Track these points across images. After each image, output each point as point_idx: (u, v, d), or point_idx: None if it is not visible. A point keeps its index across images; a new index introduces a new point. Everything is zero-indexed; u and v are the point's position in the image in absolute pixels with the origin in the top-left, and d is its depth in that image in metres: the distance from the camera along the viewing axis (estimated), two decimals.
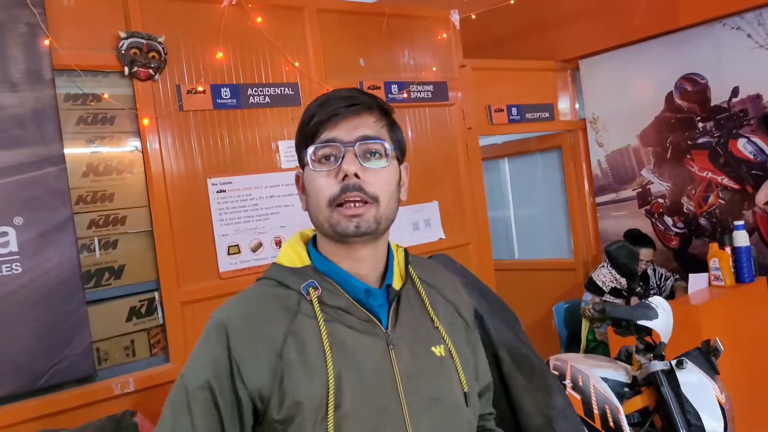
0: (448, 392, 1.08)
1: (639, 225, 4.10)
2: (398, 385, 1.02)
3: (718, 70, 3.75)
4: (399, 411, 1.01)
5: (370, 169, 1.04)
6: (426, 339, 1.09)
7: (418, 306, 1.12)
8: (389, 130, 1.10)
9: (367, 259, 1.08)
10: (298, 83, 3.24)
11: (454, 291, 1.21)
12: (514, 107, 4.17)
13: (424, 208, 3.67)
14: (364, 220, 1.02)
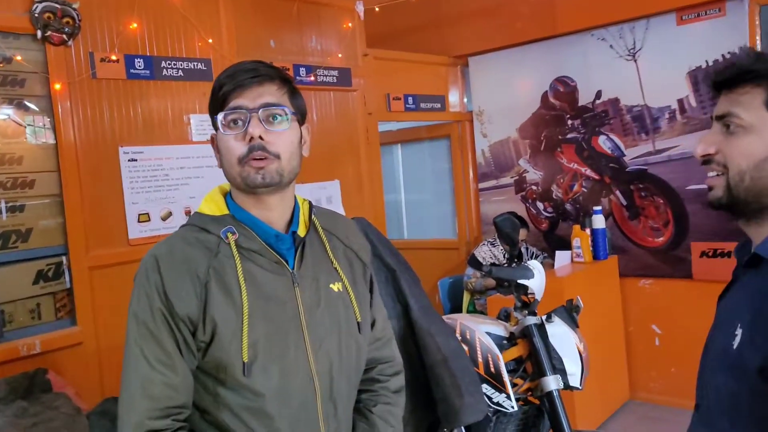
0: (344, 321, 1.28)
1: (515, 209, 4.57)
2: (301, 315, 1.22)
3: (586, 74, 4.28)
4: (301, 336, 1.21)
5: (272, 131, 1.20)
6: (326, 277, 1.28)
7: (319, 250, 1.30)
8: (290, 97, 1.26)
9: (276, 208, 1.25)
10: (210, 59, 3.36)
11: (353, 237, 1.39)
12: (410, 96, 4.49)
13: (326, 185, 3.91)
14: (267, 172, 1.18)
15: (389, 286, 2.02)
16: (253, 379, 1.17)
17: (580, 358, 2.53)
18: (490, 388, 2.51)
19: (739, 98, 1.01)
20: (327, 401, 1.25)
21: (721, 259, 3.84)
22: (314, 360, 1.23)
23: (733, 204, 1.03)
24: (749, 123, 0.99)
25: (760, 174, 0.99)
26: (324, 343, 1.25)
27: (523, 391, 2.58)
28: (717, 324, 1.11)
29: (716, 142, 1.02)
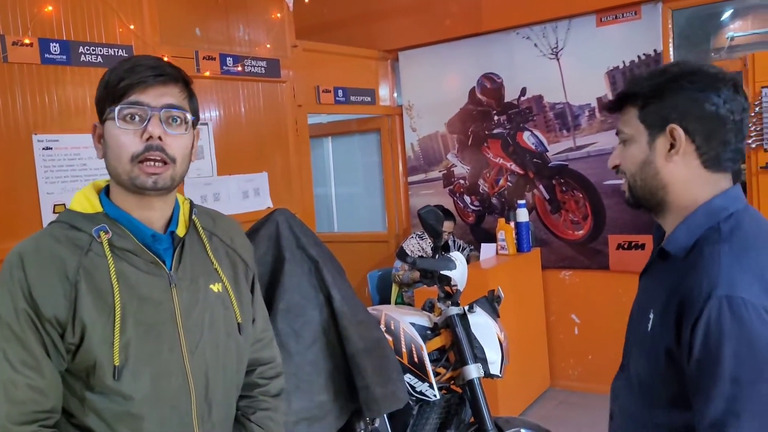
0: (223, 322, 1.28)
1: (443, 202, 4.65)
2: (177, 317, 1.20)
3: (511, 72, 4.39)
4: (176, 337, 1.19)
5: (171, 134, 1.18)
6: (205, 278, 1.27)
7: (199, 250, 1.28)
8: (189, 101, 1.25)
9: (158, 208, 1.23)
10: (132, 46, 3.26)
11: (235, 237, 1.38)
12: (340, 89, 4.49)
13: (254, 178, 3.87)
14: (161, 177, 1.17)
15: (312, 277, 2.03)
16: (123, 383, 1.15)
17: (501, 347, 2.61)
18: (414, 378, 2.55)
19: (624, 117, 1.21)
20: (202, 403, 1.24)
21: (635, 251, 4.03)
22: (190, 361, 1.22)
23: (637, 202, 1.22)
24: (630, 135, 1.20)
25: (644, 174, 1.18)
26: (201, 344, 1.24)
27: (445, 380, 2.64)
28: (638, 304, 1.27)
29: (618, 156, 1.23)
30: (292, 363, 1.94)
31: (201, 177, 3.59)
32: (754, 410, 0.98)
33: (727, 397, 0.98)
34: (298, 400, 1.93)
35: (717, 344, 0.99)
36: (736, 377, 0.98)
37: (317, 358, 1.96)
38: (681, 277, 1.09)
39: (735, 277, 1.03)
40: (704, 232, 1.12)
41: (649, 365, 1.14)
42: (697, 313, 1.02)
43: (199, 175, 3.59)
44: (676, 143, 1.14)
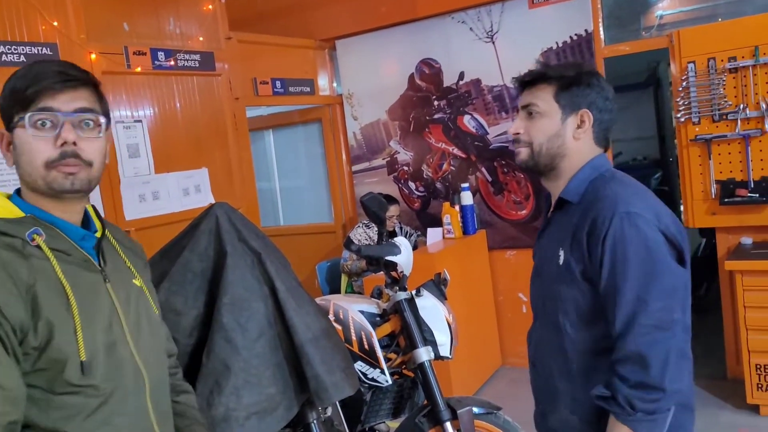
0: (150, 313, 1.34)
1: (388, 189, 4.66)
2: (118, 311, 1.24)
3: (448, 56, 4.42)
4: (122, 330, 1.24)
5: (85, 138, 1.19)
6: (126, 274, 1.33)
7: (114, 251, 1.33)
8: (100, 104, 1.24)
9: (74, 212, 1.24)
10: (57, 44, 3.14)
11: (127, 240, 1.43)
12: (278, 80, 4.44)
13: (193, 174, 3.79)
14: (78, 179, 1.18)
15: (255, 269, 2.01)
16: (90, 377, 1.16)
17: (449, 328, 2.63)
18: (365, 365, 2.56)
19: (537, 92, 1.44)
20: (154, 391, 1.29)
21: None
22: (137, 352, 1.26)
23: (535, 165, 1.48)
24: (544, 110, 1.44)
25: (551, 144, 1.45)
26: (142, 336, 1.29)
27: (397, 365, 2.65)
28: (543, 255, 1.51)
29: (523, 126, 1.47)
30: (239, 357, 1.92)
31: (138, 176, 3.50)
32: (656, 296, 1.28)
33: (636, 289, 1.28)
34: (248, 394, 1.91)
35: (623, 249, 1.30)
36: (639, 274, 1.29)
37: (264, 351, 1.95)
38: (583, 213, 1.38)
39: (629, 200, 1.35)
40: (593, 180, 1.43)
41: (569, 290, 1.39)
42: (605, 229, 1.31)
43: (137, 174, 3.49)
44: (585, 124, 1.45)
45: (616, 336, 1.31)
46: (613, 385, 1.30)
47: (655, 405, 1.27)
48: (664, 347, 1.27)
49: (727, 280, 3.79)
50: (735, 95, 3.60)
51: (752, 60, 3.51)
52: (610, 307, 1.32)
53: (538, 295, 1.52)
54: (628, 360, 1.28)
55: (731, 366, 3.87)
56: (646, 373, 1.26)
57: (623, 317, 1.29)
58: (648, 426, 1.28)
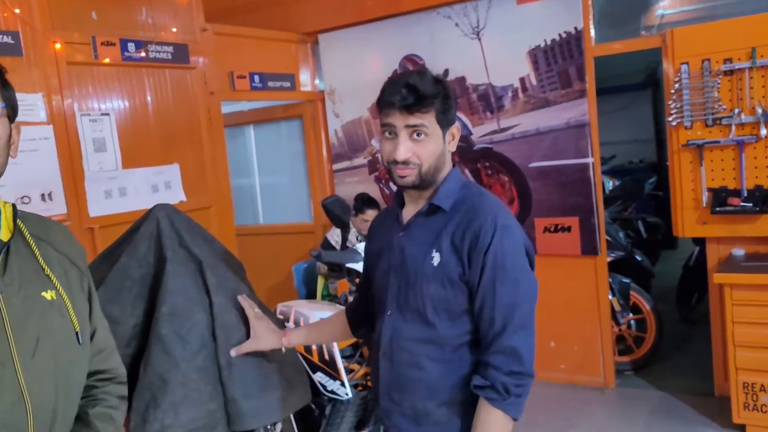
0: (59, 331, 1.17)
1: (368, 189, 4.52)
2: (6, 326, 1.09)
3: (433, 53, 4.27)
4: (7, 349, 1.08)
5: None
6: (36, 285, 1.16)
7: (27, 256, 1.18)
8: (2, 88, 1.13)
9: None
10: (19, 32, 3.01)
11: (67, 243, 1.28)
12: (256, 75, 4.29)
13: (164, 170, 3.66)
14: None
15: (198, 277, 1.87)
16: None
17: None
18: (325, 376, 2.43)
19: (426, 116, 1.49)
20: (40, 418, 1.12)
21: (562, 234, 3.99)
22: (24, 375, 1.09)
23: (421, 183, 1.55)
24: (431, 132, 1.51)
25: (438, 162, 1.55)
26: (37, 356, 1.12)
27: (360, 377, 2.53)
28: (407, 253, 1.59)
29: (411, 148, 1.51)
30: (178, 372, 1.79)
31: (104, 171, 3.37)
32: (523, 300, 1.49)
33: (509, 294, 1.48)
34: (186, 410, 1.78)
35: (503, 260, 1.48)
36: (512, 281, 1.48)
37: (205, 364, 1.81)
38: (460, 221, 1.53)
39: (503, 215, 1.53)
40: (459, 192, 1.58)
41: (443, 290, 1.52)
42: (488, 242, 1.48)
43: (102, 169, 3.36)
44: (455, 138, 1.58)
45: (493, 333, 1.48)
46: (489, 374, 1.47)
47: (523, 389, 1.48)
48: (529, 342, 1.49)
49: (716, 293, 3.65)
50: (730, 99, 3.46)
51: (749, 62, 3.37)
52: (487, 309, 1.49)
53: (397, 289, 1.60)
54: (502, 353, 1.47)
55: (719, 383, 3.74)
56: (519, 363, 1.46)
57: (501, 318, 1.47)
58: (517, 407, 1.48)
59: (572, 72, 3.89)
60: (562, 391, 4.08)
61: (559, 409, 3.84)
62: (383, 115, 1.54)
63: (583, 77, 3.87)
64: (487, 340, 1.49)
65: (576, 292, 4.06)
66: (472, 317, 1.53)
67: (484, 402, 1.47)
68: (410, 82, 1.48)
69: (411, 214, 1.62)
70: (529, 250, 1.56)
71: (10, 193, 2.94)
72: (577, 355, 4.15)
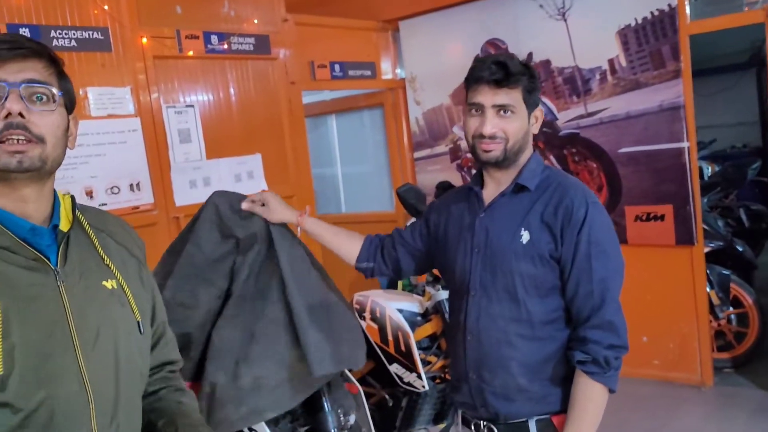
0: (120, 320, 1.18)
1: (450, 177, 4.44)
2: (68, 315, 1.09)
3: (516, 36, 4.12)
4: (69, 339, 1.09)
5: (36, 111, 1.07)
6: (97, 275, 1.17)
7: (87, 246, 1.19)
8: (58, 78, 1.13)
9: (32, 200, 1.11)
10: (108, 28, 3.12)
11: (124, 234, 1.29)
12: (337, 64, 4.30)
13: (246, 160, 3.72)
14: (27, 156, 1.06)
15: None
16: (10, 393, 1.02)
17: None
18: (401, 368, 2.39)
19: (512, 94, 1.55)
20: (102, 408, 1.12)
21: (654, 222, 3.77)
22: (86, 365, 1.10)
23: (504, 160, 1.59)
24: (517, 110, 1.56)
25: (523, 141, 1.60)
26: (98, 345, 1.12)
27: (438, 369, 2.47)
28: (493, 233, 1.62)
29: (498, 124, 1.56)
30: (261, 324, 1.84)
31: (189, 161, 3.46)
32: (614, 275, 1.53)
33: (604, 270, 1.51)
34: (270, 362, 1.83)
35: (597, 233, 1.51)
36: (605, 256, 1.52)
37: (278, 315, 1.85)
38: (548, 200, 1.58)
39: (588, 192, 1.58)
40: (542, 173, 1.62)
41: (534, 267, 1.55)
42: (582, 217, 1.52)
43: (188, 160, 3.45)
44: (539, 120, 1.64)
45: (590, 308, 1.52)
46: (590, 348, 1.50)
47: (620, 361, 1.53)
48: (622, 316, 1.54)
49: None
50: None
51: None
52: (583, 284, 1.52)
53: (482, 269, 1.62)
54: (601, 327, 1.51)
55: None
56: (617, 337, 1.51)
57: (598, 293, 1.51)
58: (614, 379, 1.52)
59: (665, 51, 3.65)
60: (656, 388, 3.87)
61: (653, 408, 3.65)
62: (471, 93, 1.61)
63: (677, 57, 3.62)
64: (584, 315, 1.53)
65: (670, 285, 3.83)
66: (562, 294, 1.56)
67: (584, 376, 1.51)
68: (500, 59, 1.55)
69: (492, 195, 1.65)
70: None
71: (101, 184, 3.08)
72: (672, 352, 3.92)
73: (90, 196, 3.03)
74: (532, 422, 1.59)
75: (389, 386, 2.47)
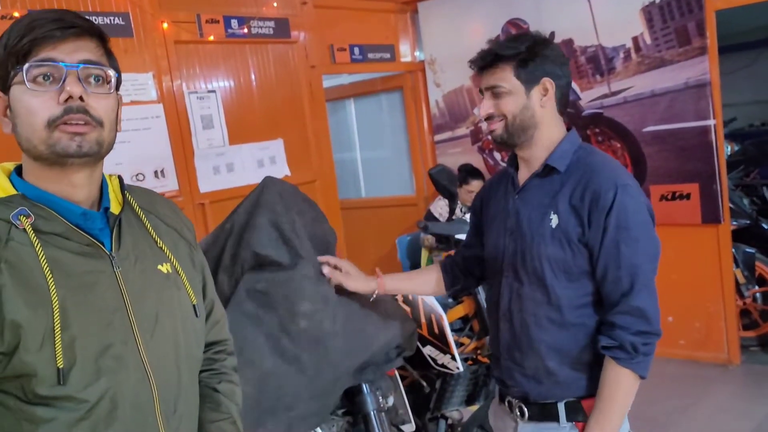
0: (177, 304, 1.14)
1: (472, 160, 4.41)
2: (126, 302, 1.06)
3: (538, 15, 4.07)
4: (129, 326, 1.05)
5: (93, 94, 1.02)
6: (151, 258, 1.14)
7: (139, 229, 1.15)
8: (108, 58, 1.08)
9: (83, 185, 1.07)
10: (129, 13, 3.11)
11: (174, 216, 1.25)
12: (356, 47, 4.26)
13: (269, 145, 3.71)
14: (86, 140, 1.01)
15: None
16: (72, 386, 0.99)
17: None
18: (435, 350, 2.38)
19: (498, 74, 1.54)
20: (165, 396, 1.10)
21: (680, 202, 3.73)
22: (147, 352, 1.07)
23: (510, 138, 1.57)
24: (509, 89, 1.53)
25: (523, 116, 1.55)
26: (157, 331, 1.09)
27: (470, 351, 2.46)
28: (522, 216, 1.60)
29: (492, 105, 1.56)
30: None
31: (212, 147, 3.46)
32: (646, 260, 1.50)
33: (633, 255, 1.48)
34: None
35: (625, 218, 1.47)
36: (635, 241, 1.48)
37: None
38: (576, 182, 1.52)
39: (621, 174, 1.53)
40: (575, 151, 1.57)
41: (562, 251, 1.52)
42: (610, 201, 1.46)
43: (211, 146, 3.45)
44: (548, 92, 1.55)
45: (619, 293, 1.49)
46: (617, 335, 1.48)
47: (651, 347, 1.49)
48: (654, 301, 1.49)
49: None
50: None
51: None
52: (612, 269, 1.49)
53: (513, 251, 1.61)
54: (629, 314, 1.47)
55: None
56: (647, 323, 1.47)
57: (626, 278, 1.48)
58: (645, 365, 1.49)
59: (691, 28, 3.59)
60: (683, 367, 3.85)
61: (680, 387, 3.63)
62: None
63: (703, 33, 3.56)
64: (613, 300, 1.51)
65: (696, 264, 3.80)
66: (593, 279, 1.53)
67: (612, 361, 1.49)
68: (488, 45, 1.57)
69: (525, 177, 1.64)
70: (650, 209, 1.54)
71: (126, 171, 3.08)
72: (699, 331, 3.90)
73: None
74: (561, 405, 1.58)
75: (422, 369, 2.47)
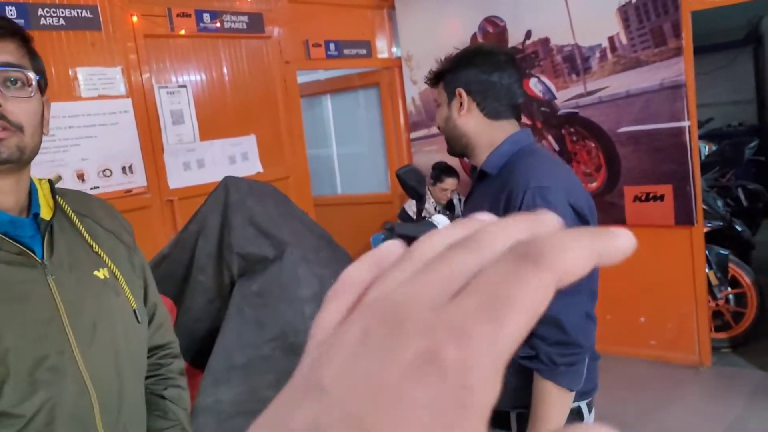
0: (116, 310, 1.12)
1: (447, 158, 4.37)
2: (61, 311, 1.03)
3: (515, 13, 4.05)
4: (64, 335, 1.02)
5: (12, 98, 1.00)
6: (87, 264, 1.11)
7: (73, 234, 1.12)
8: (31, 59, 1.05)
9: (8, 192, 1.04)
10: (97, 6, 3.04)
11: (111, 219, 1.22)
12: (332, 43, 4.22)
13: (241, 141, 3.66)
14: (5, 146, 0.98)
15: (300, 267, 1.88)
16: (6, 401, 0.96)
17: None
18: None
19: (438, 88, 1.60)
20: (107, 406, 1.07)
21: (654, 203, 3.74)
22: (85, 362, 1.04)
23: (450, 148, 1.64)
24: (440, 101, 1.60)
25: (448, 127, 1.59)
26: (96, 340, 1.06)
27: None
28: None
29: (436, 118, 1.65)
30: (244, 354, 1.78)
31: (182, 143, 3.40)
32: None
33: None
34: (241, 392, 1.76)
35: None
36: None
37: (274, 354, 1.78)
38: (501, 184, 1.48)
39: (541, 174, 1.45)
40: (512, 155, 1.53)
41: None
42: (519, 203, 1.40)
43: (181, 141, 3.39)
44: (462, 99, 1.55)
45: None
46: (535, 344, 1.42)
47: (574, 358, 1.41)
48: (572, 310, 1.40)
49: None
50: None
51: None
52: None
53: None
54: (544, 323, 1.39)
55: None
56: (563, 333, 1.39)
57: None
58: (569, 377, 1.41)
59: (667, 28, 3.59)
60: (653, 368, 3.87)
61: (650, 388, 3.64)
62: None
63: (678, 34, 3.56)
64: None
65: (669, 265, 3.81)
66: None
67: (535, 372, 1.46)
68: None
69: None
70: (583, 212, 1.46)
71: (92, 167, 3.02)
72: (670, 332, 3.92)
73: (82, 179, 2.97)
74: (513, 415, 1.56)
75: None
